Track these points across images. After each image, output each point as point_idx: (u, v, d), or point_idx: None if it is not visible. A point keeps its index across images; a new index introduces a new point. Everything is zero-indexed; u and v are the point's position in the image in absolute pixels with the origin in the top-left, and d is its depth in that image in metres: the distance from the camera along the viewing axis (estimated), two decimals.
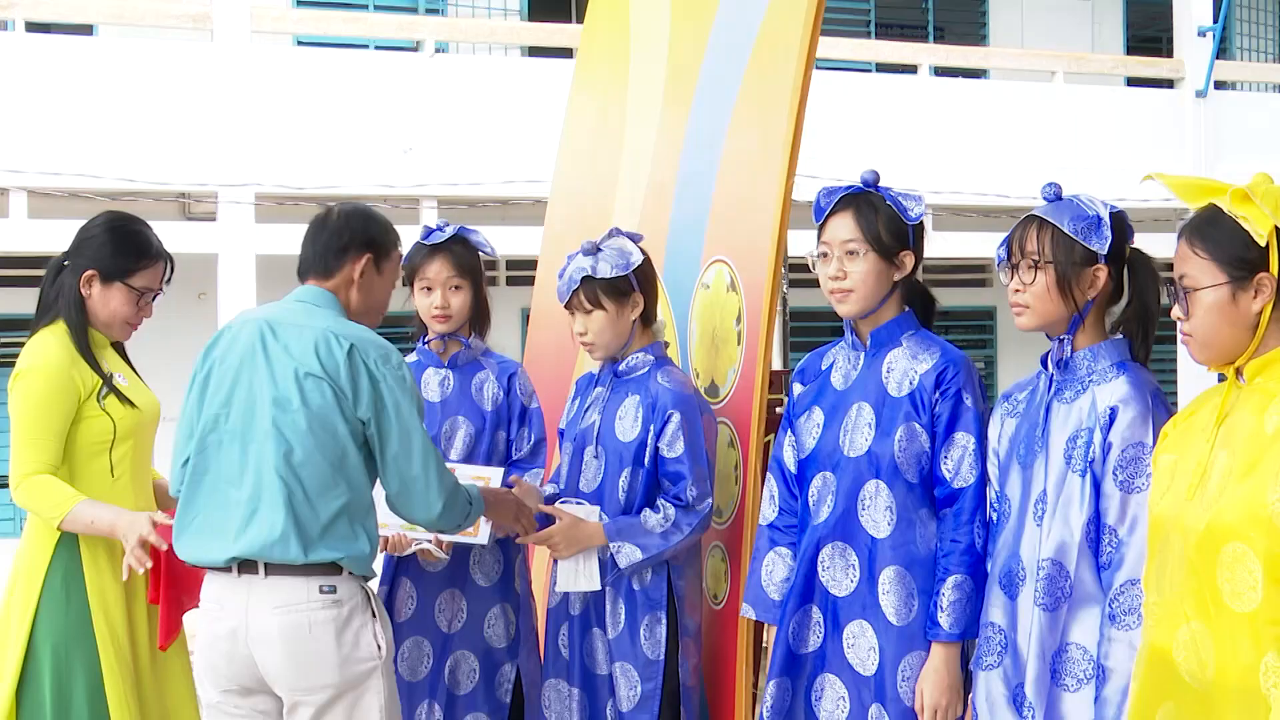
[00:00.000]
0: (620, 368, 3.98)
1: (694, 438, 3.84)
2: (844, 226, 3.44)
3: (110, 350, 3.94)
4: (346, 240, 3.58)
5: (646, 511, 3.84)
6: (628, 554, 3.79)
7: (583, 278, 3.89)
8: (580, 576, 3.87)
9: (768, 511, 3.64)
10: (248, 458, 3.36)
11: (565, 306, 3.98)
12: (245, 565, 3.33)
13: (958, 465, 3.32)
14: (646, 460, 3.86)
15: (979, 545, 3.27)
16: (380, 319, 3.70)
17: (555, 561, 3.94)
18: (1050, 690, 2.99)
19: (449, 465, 3.98)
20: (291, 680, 3.31)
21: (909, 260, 3.45)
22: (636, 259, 3.93)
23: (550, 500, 4.01)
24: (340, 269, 3.56)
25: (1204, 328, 2.63)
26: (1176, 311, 2.67)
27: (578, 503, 3.92)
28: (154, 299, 3.95)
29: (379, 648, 3.37)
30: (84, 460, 3.77)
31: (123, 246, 3.87)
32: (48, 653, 3.69)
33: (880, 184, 3.48)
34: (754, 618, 3.68)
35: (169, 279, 4.00)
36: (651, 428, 3.85)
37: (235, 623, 3.33)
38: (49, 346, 3.78)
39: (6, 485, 3.83)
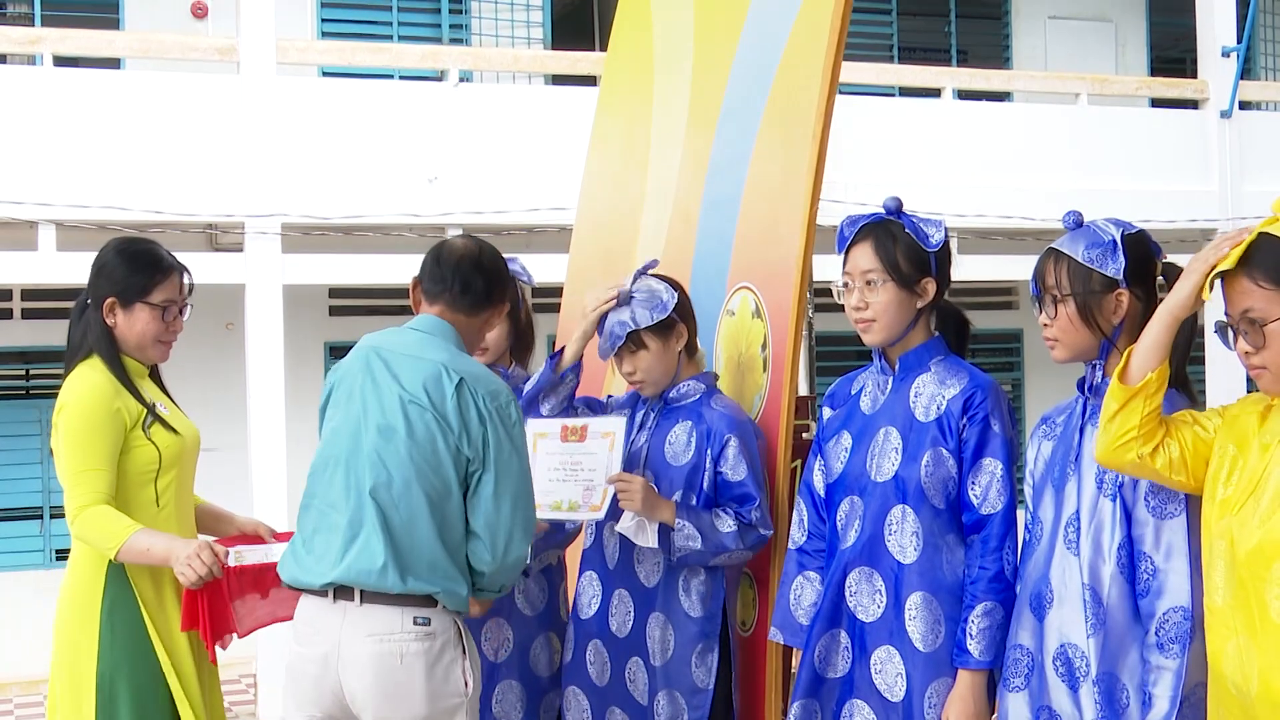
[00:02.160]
0: (671, 394, 3.97)
1: (754, 461, 3.83)
2: (864, 256, 3.45)
3: (148, 380, 3.92)
4: (500, 284, 3.59)
5: (718, 510, 3.80)
6: (688, 535, 3.73)
7: (628, 331, 3.88)
8: (640, 533, 3.81)
9: (796, 535, 3.64)
10: (350, 483, 3.36)
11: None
12: (341, 591, 3.32)
13: (985, 491, 3.31)
14: (705, 484, 3.84)
15: (1008, 572, 3.26)
16: None
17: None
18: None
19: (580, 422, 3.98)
20: (378, 709, 3.30)
21: (931, 287, 3.45)
22: (672, 299, 3.91)
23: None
24: (484, 310, 3.57)
25: None
26: (1243, 346, 2.65)
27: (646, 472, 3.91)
28: (181, 313, 3.92)
29: (467, 684, 3.37)
30: (131, 490, 3.74)
31: (134, 266, 3.85)
32: (93, 684, 3.67)
33: (904, 210, 3.48)
34: (782, 641, 3.67)
35: (191, 291, 3.97)
36: (708, 452, 3.83)
37: (328, 648, 3.33)
38: (90, 378, 3.76)
39: (39, 517, 3.84)
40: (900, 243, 3.43)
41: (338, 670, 3.31)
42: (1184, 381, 3.09)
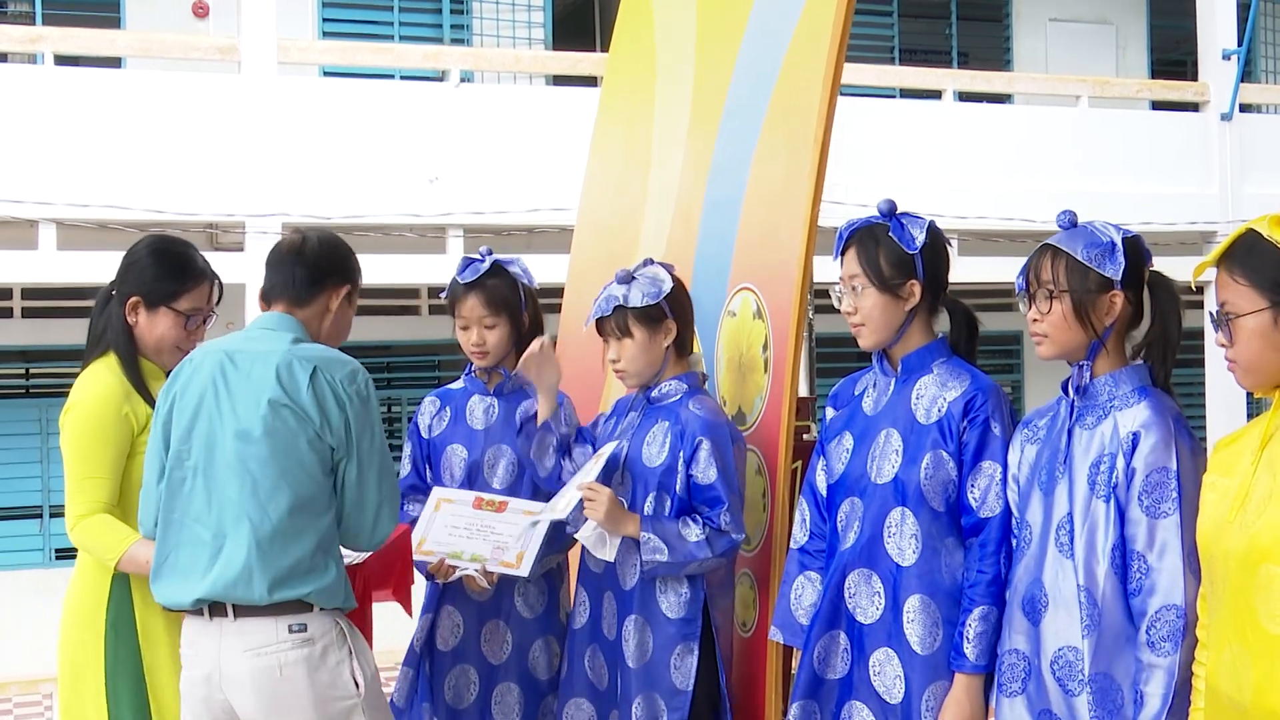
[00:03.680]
0: (653, 394, 3.97)
1: (726, 465, 3.82)
2: (849, 262, 3.49)
3: (162, 382, 3.81)
4: (326, 269, 3.51)
5: (686, 519, 3.79)
6: (654, 548, 3.73)
7: (615, 306, 3.89)
8: (599, 544, 3.82)
9: (799, 535, 3.65)
10: (211, 494, 3.26)
11: (599, 333, 3.97)
12: (215, 608, 3.23)
13: (984, 494, 3.31)
14: (678, 487, 3.84)
15: (1005, 576, 3.25)
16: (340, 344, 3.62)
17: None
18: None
19: (501, 499, 4.00)
20: None
21: (916, 289, 3.44)
22: (668, 286, 3.92)
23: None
24: (316, 298, 3.49)
25: (1247, 354, 2.63)
26: (1220, 339, 2.67)
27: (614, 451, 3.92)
28: (205, 322, 3.84)
29: (358, 684, 3.26)
30: (135, 498, 3.62)
31: (165, 270, 3.76)
32: (102, 695, 3.60)
33: (899, 212, 3.48)
34: (782, 641, 3.67)
35: (218, 300, 3.89)
36: (681, 454, 3.83)
37: (209, 668, 3.25)
38: (101, 379, 3.68)
39: (39, 516, 3.77)
40: (882, 246, 3.45)
41: (223, 689, 3.24)
42: (1167, 384, 3.10)
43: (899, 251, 3.44)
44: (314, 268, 3.50)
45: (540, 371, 3.98)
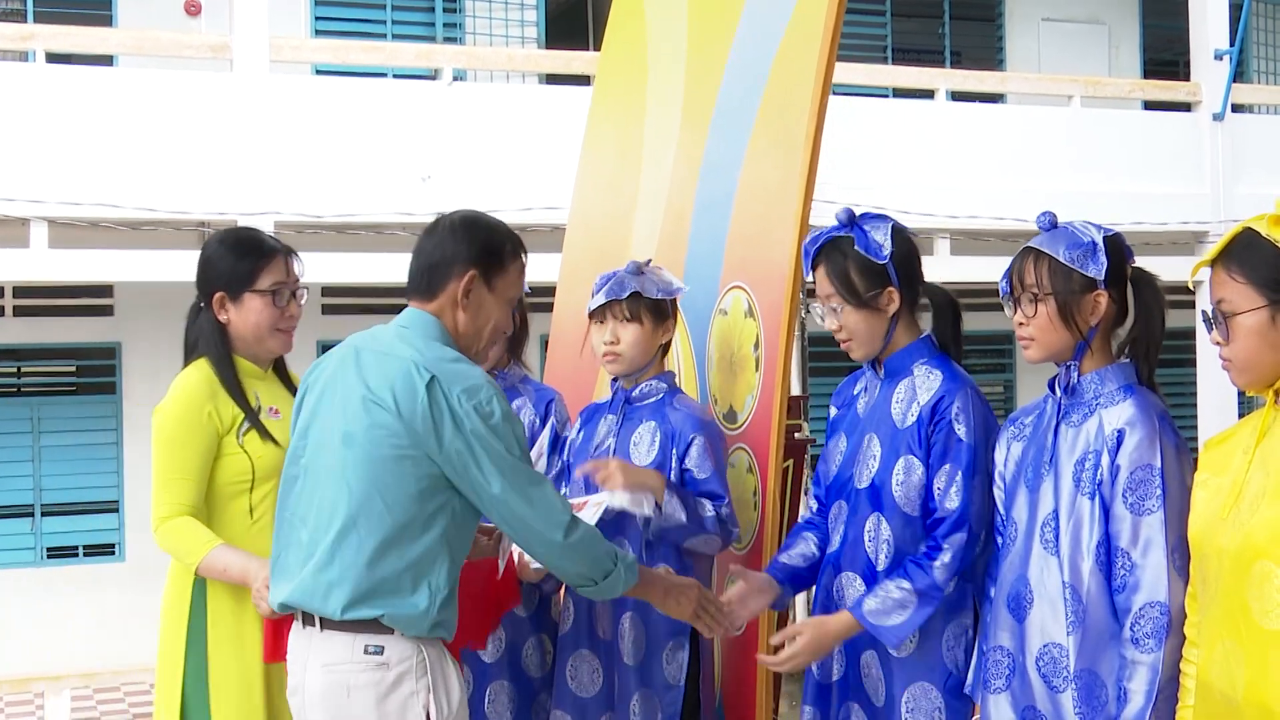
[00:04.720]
0: (633, 394, 3.97)
1: (719, 461, 3.84)
2: (822, 281, 3.48)
3: (269, 381, 3.76)
4: (450, 254, 3.17)
5: (698, 497, 3.79)
6: (675, 506, 3.69)
7: (630, 291, 3.87)
8: (635, 503, 3.69)
9: (805, 514, 3.69)
10: (314, 497, 3.10)
11: (597, 315, 3.95)
12: (307, 617, 3.09)
13: (943, 495, 3.30)
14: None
15: (940, 579, 3.25)
16: (497, 340, 3.39)
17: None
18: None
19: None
20: None
21: (895, 296, 3.43)
22: (679, 287, 3.96)
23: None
24: (443, 288, 3.17)
25: (1244, 352, 2.64)
26: (1215, 337, 2.68)
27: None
28: (294, 296, 3.73)
29: (429, 719, 3.04)
30: (223, 501, 3.59)
31: (236, 255, 3.69)
32: (178, 699, 3.59)
33: (858, 217, 3.44)
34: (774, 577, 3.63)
35: (302, 273, 3.78)
36: (673, 452, 3.84)
37: (298, 679, 3.13)
38: (189, 379, 3.62)
39: (30, 515, 3.73)
40: (851, 260, 3.41)
41: (305, 698, 3.11)
42: (1152, 380, 3.11)
43: (868, 264, 3.41)
44: (435, 252, 3.19)
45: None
